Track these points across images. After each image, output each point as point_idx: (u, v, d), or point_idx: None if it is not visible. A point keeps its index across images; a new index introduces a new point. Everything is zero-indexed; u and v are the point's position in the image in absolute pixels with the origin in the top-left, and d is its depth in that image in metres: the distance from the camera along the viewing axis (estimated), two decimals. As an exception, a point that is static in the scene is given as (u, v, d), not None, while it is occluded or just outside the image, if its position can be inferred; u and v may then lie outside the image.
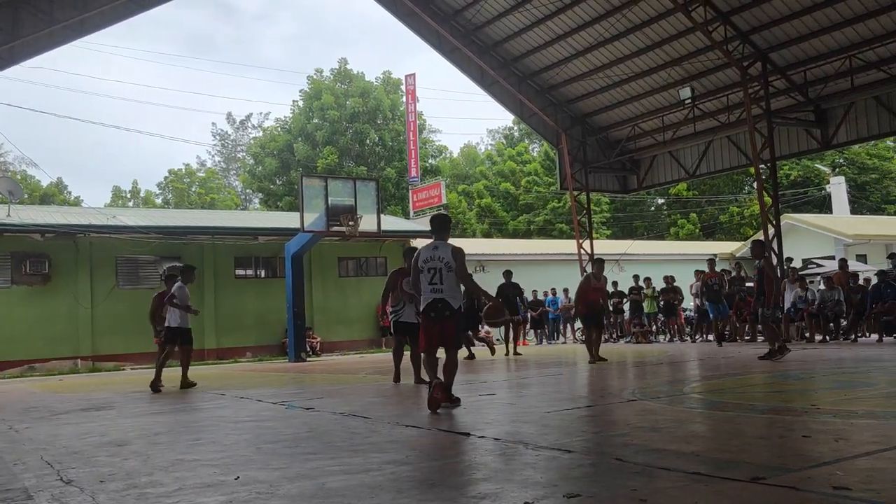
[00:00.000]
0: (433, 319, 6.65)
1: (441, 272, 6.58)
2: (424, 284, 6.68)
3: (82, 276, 20.22)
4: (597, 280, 12.96)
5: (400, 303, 10.19)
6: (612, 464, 3.95)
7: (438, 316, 6.61)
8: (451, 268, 6.57)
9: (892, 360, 10.38)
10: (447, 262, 6.57)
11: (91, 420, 7.43)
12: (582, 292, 13.04)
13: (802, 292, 16.74)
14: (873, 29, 17.28)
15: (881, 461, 3.72)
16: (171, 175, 56.53)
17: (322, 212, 17.98)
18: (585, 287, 12.97)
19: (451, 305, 6.61)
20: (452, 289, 6.63)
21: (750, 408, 6.22)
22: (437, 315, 6.61)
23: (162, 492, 3.77)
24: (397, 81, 46.30)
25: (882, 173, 44.87)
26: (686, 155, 23.96)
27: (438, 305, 6.60)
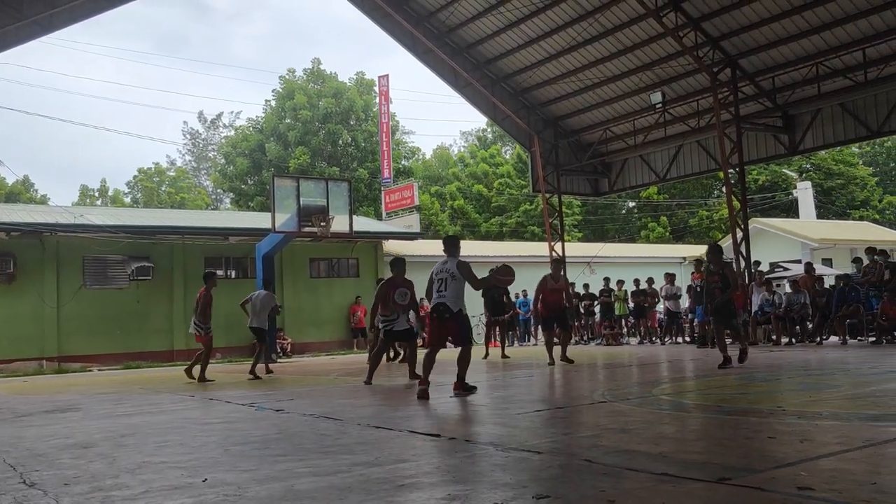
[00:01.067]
0: (435, 320, 8.01)
1: (447, 281, 7.91)
2: (433, 292, 8.02)
3: (48, 275, 19.89)
4: (554, 281, 12.76)
5: (394, 313, 10.24)
6: (581, 465, 3.97)
7: (440, 317, 7.94)
8: (455, 278, 7.89)
9: (855, 362, 10.57)
10: (453, 272, 7.91)
11: (56, 422, 7.32)
12: (539, 294, 13.03)
13: (769, 295, 16.97)
14: (839, 37, 17.59)
15: (844, 462, 3.79)
16: (141, 174, 55.86)
17: (294, 212, 17.87)
18: (542, 288, 12.82)
19: (451, 309, 7.88)
20: (455, 296, 7.91)
21: (717, 409, 6.29)
22: (439, 316, 7.94)
23: (128, 494, 3.73)
24: (371, 82, 46.17)
25: (847, 179, 45.68)
26: (657, 159, 24.19)
27: (440, 308, 7.91)
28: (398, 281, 10.22)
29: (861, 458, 3.89)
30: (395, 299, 10.12)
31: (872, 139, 28.65)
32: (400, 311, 10.24)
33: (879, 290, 15.24)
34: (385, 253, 25.38)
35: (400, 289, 10.16)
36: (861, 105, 18.91)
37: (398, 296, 10.11)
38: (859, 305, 15.54)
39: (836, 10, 16.91)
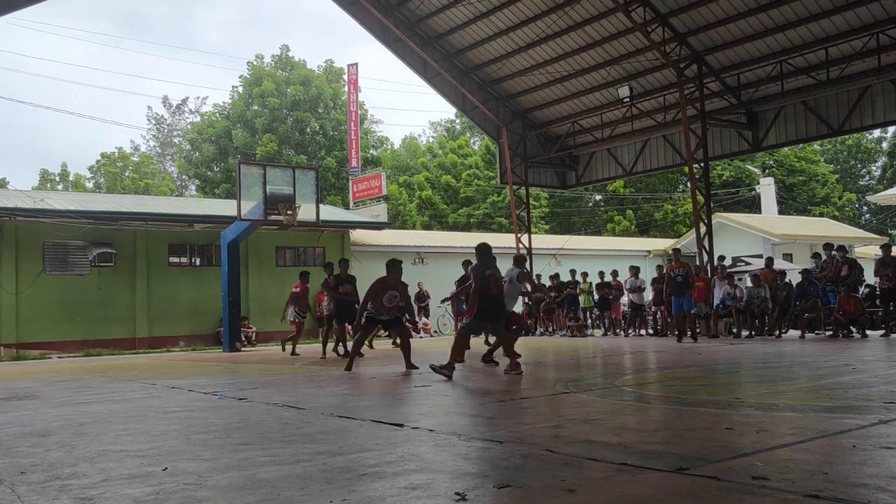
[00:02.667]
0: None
1: (509, 285, 9.91)
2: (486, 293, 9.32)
3: (7, 261, 19.49)
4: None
5: (379, 312, 10.32)
6: (543, 455, 4.01)
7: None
8: (511, 282, 10.07)
9: (813, 355, 10.80)
10: (511, 277, 10.01)
11: (12, 409, 7.19)
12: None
13: (731, 289, 17.24)
14: (803, 36, 17.87)
15: (798, 452, 3.87)
16: (104, 159, 54.88)
17: (260, 200, 17.72)
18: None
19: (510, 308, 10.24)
20: (510, 297, 9.90)
21: (677, 400, 6.39)
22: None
23: (86, 483, 3.68)
24: (340, 70, 45.87)
25: (809, 175, 46.53)
26: (623, 153, 24.41)
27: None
28: (391, 283, 10.18)
29: (815, 448, 3.98)
30: (383, 301, 10.15)
31: (833, 137, 29.20)
32: (385, 312, 10.28)
33: (836, 286, 15.56)
34: (352, 242, 25.30)
35: (391, 291, 10.15)
36: (823, 103, 19.27)
37: (387, 298, 10.13)
38: (817, 300, 15.86)
39: (801, 10, 17.18)
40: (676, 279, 15.68)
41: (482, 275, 9.15)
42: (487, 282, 9.12)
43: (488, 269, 9.22)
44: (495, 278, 9.27)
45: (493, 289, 9.23)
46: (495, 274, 9.30)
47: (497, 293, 9.29)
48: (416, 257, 26.33)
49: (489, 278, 9.16)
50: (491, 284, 9.18)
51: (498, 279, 9.34)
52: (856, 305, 15.01)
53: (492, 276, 9.21)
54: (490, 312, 9.26)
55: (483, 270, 9.18)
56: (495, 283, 9.26)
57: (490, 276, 9.18)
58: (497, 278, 9.30)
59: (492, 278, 9.20)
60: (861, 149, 53.88)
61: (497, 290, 9.28)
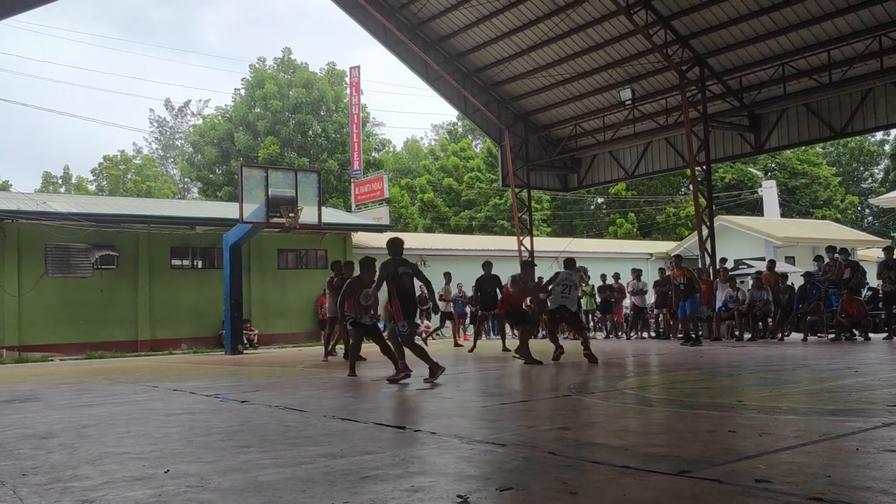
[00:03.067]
0: (557, 315, 11.51)
1: (571, 288, 11.30)
2: (557, 293, 11.17)
3: (9, 263, 19.50)
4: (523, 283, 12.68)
5: (357, 313, 10.22)
6: (545, 457, 4.00)
7: (567, 313, 11.37)
8: (577, 286, 11.47)
9: (815, 358, 10.78)
10: (576, 284, 11.40)
11: (15, 412, 7.19)
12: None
13: (733, 292, 17.22)
14: (805, 38, 17.87)
15: (801, 455, 3.87)
16: (106, 161, 54.92)
17: (262, 203, 17.71)
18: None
19: (571, 309, 11.40)
20: (576, 298, 11.55)
21: (680, 403, 6.38)
22: (567, 312, 11.36)
23: (88, 485, 3.68)
24: (342, 73, 45.91)
25: (811, 178, 46.49)
26: (625, 155, 24.40)
27: (563, 308, 11.25)
28: (367, 282, 10.12)
29: (817, 451, 3.98)
30: (359, 300, 10.06)
31: (836, 140, 29.18)
32: (363, 311, 10.22)
33: (839, 288, 15.53)
34: (354, 245, 25.30)
35: (366, 290, 10.06)
36: (825, 106, 19.25)
37: (362, 297, 10.06)
38: (820, 303, 15.84)
39: (803, 12, 17.18)
40: (679, 287, 15.64)
41: (395, 273, 8.78)
42: (401, 279, 8.81)
43: (401, 267, 8.89)
44: (408, 276, 8.93)
45: (408, 286, 8.90)
46: (408, 272, 8.95)
47: (411, 290, 8.96)
48: (418, 260, 26.29)
49: (402, 276, 8.84)
50: (405, 282, 8.86)
51: (411, 277, 8.99)
52: (858, 308, 14.98)
53: (405, 273, 8.87)
54: (413, 310, 9.02)
55: (395, 268, 8.82)
56: (409, 280, 8.92)
57: (403, 275, 8.85)
58: (410, 276, 8.94)
59: (405, 276, 8.87)
60: (863, 151, 53.83)
61: (410, 287, 8.94)
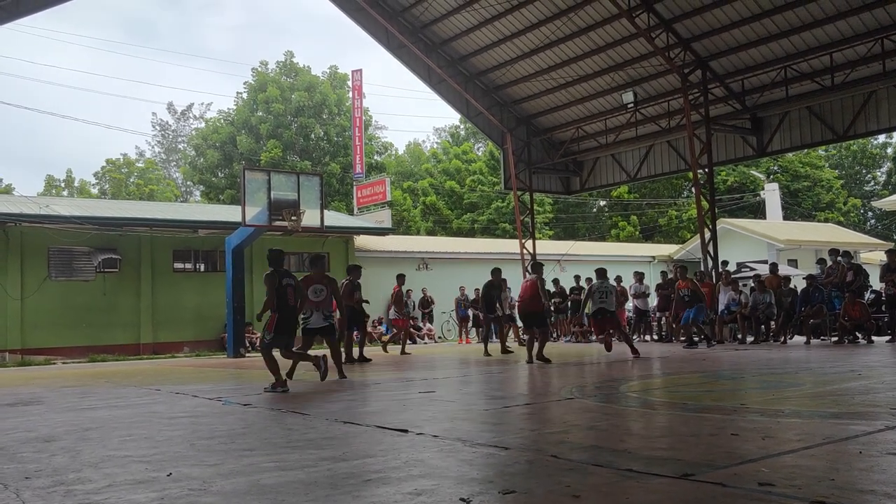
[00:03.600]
0: (599, 318, 13.23)
1: (607, 293, 13.00)
2: (596, 299, 13.07)
3: (12, 266, 19.53)
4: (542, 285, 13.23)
5: (308, 311, 10.26)
6: (548, 461, 4.00)
7: (602, 315, 13.08)
8: (612, 292, 13.14)
9: (818, 361, 10.76)
10: (611, 289, 13.14)
11: (18, 415, 7.20)
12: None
13: (736, 295, 17.20)
14: (807, 41, 17.87)
15: (804, 458, 3.86)
16: (109, 165, 55.01)
17: (264, 206, 17.72)
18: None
19: (610, 310, 13.07)
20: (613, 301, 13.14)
21: (682, 406, 6.37)
22: (602, 314, 13.07)
23: (91, 488, 3.68)
24: (344, 76, 45.97)
25: (813, 181, 46.44)
26: (627, 158, 24.40)
27: (603, 310, 13.01)
28: (314, 278, 10.38)
29: (821, 454, 3.97)
30: (309, 296, 10.10)
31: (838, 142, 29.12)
32: (313, 307, 10.26)
33: (842, 291, 15.51)
34: (356, 248, 25.31)
35: (315, 285, 10.27)
36: (828, 108, 19.24)
37: (311, 292, 10.15)
38: (822, 306, 15.81)
39: (805, 15, 17.18)
40: (685, 298, 15.71)
41: (279, 284, 8.77)
42: (285, 291, 8.81)
43: (285, 278, 8.89)
44: (293, 288, 8.94)
45: (292, 299, 8.89)
46: (292, 283, 8.95)
47: (294, 304, 8.95)
48: (421, 263, 26.32)
49: (286, 288, 8.82)
50: (289, 294, 8.85)
51: (296, 289, 9.01)
52: (861, 311, 14.96)
53: (288, 285, 8.86)
54: (291, 325, 9.01)
55: (280, 279, 8.81)
56: (293, 293, 8.94)
57: (287, 286, 8.84)
58: (295, 288, 8.97)
59: (289, 288, 8.86)
60: (866, 154, 53.78)
61: (294, 300, 8.94)
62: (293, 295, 8.92)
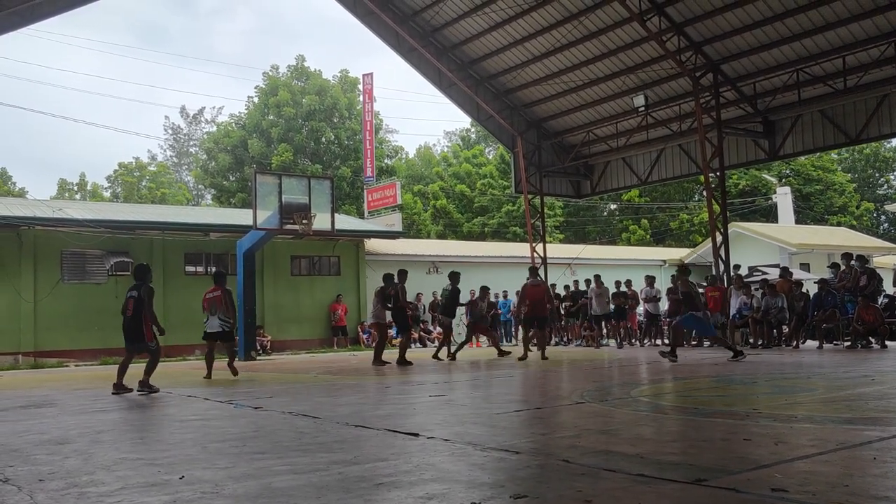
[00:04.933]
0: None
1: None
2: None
3: (25, 269, 19.66)
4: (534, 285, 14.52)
5: (205, 316, 11.81)
6: (559, 465, 3.99)
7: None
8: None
9: (831, 366, 10.69)
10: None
11: (31, 417, 7.24)
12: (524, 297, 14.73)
13: (748, 299, 17.11)
14: (820, 44, 17.78)
15: (818, 464, 3.83)
16: (121, 168, 55.36)
17: (275, 209, 17.78)
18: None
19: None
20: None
21: (694, 411, 6.34)
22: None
23: (104, 491, 3.70)
24: (354, 80, 46.07)
25: (826, 185, 46.19)
26: (638, 162, 24.33)
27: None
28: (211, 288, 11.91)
29: (834, 460, 3.94)
30: (204, 300, 11.82)
31: (851, 146, 28.99)
32: (209, 312, 11.83)
33: (855, 296, 15.41)
34: (366, 251, 25.34)
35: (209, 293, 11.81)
36: (840, 112, 19.13)
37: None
38: (835, 310, 15.71)
39: (817, 18, 17.10)
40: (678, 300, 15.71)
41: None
42: (127, 303, 9.59)
43: (131, 291, 9.62)
44: (133, 300, 9.55)
45: (129, 310, 9.55)
46: (133, 295, 9.58)
47: (131, 314, 9.53)
48: (431, 266, 26.32)
49: (128, 300, 9.57)
50: (128, 305, 9.57)
51: (136, 301, 9.54)
52: (874, 315, 14.86)
53: (129, 297, 9.57)
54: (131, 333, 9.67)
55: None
56: (132, 304, 9.54)
57: (129, 299, 9.57)
58: (136, 300, 9.54)
59: (129, 300, 9.58)
60: (879, 158, 53.46)
61: (132, 311, 9.53)
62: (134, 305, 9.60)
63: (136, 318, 9.52)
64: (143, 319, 9.50)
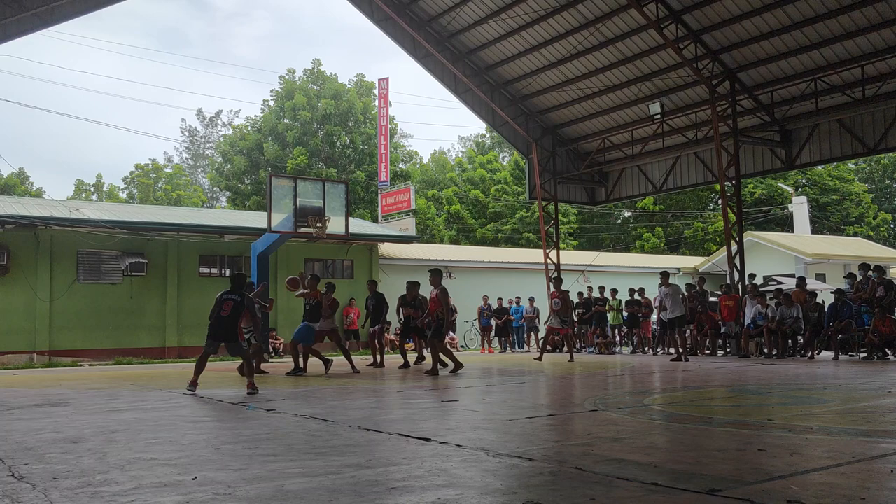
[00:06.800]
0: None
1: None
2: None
3: (42, 268, 19.81)
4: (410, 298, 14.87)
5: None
6: (572, 473, 3.97)
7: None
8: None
9: (846, 377, 10.60)
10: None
11: (45, 416, 7.29)
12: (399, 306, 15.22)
13: (763, 308, 17.00)
14: (838, 53, 17.67)
15: (834, 476, 3.80)
16: (138, 170, 55.75)
17: (290, 212, 17.84)
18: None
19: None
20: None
21: (708, 421, 6.30)
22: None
23: (117, 490, 3.72)
24: (370, 85, 46.20)
25: (843, 195, 45.83)
26: (654, 169, 24.26)
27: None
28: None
29: (851, 472, 3.91)
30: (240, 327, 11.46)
31: (869, 156, 28.77)
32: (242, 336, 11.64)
33: (871, 307, 15.27)
34: (380, 256, 25.37)
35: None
36: (858, 121, 19.00)
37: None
38: (851, 321, 15.58)
39: (836, 27, 17.00)
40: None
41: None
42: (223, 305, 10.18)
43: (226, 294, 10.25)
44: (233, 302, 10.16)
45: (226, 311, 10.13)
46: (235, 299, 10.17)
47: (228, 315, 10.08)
48: (444, 272, 26.30)
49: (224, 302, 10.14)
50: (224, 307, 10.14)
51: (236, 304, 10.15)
52: (891, 327, 14.71)
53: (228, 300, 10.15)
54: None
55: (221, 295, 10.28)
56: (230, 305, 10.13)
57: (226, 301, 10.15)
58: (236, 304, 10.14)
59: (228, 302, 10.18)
60: (897, 168, 53.02)
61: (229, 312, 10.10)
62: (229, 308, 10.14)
63: (232, 318, 10.02)
64: (238, 321, 10.15)
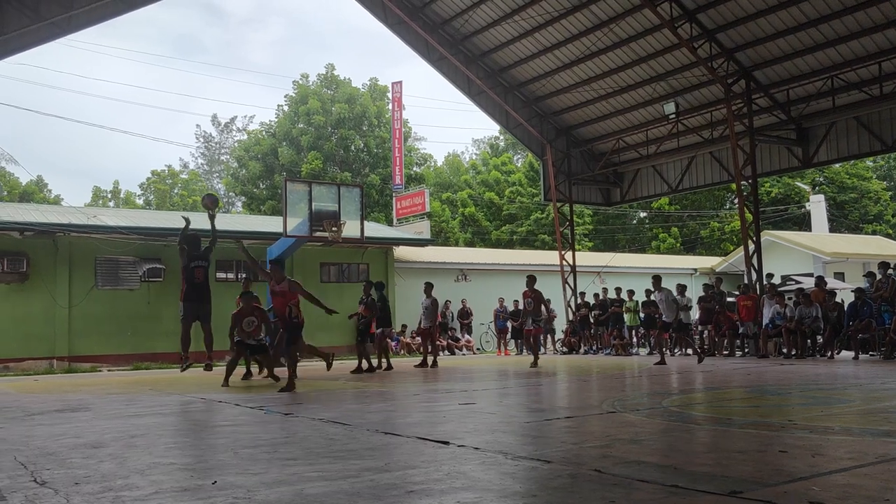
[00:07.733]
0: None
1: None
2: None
3: (61, 275, 19.99)
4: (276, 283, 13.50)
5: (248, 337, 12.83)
6: (591, 475, 3.96)
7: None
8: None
9: (867, 377, 10.50)
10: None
11: (66, 421, 7.34)
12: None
13: (781, 308, 16.88)
14: (855, 50, 17.53)
15: (856, 477, 3.76)
16: (154, 176, 56.14)
17: (305, 217, 17.90)
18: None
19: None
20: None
21: (728, 422, 6.26)
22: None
23: (138, 495, 3.74)
24: (384, 88, 46.30)
25: (861, 193, 45.43)
26: (669, 169, 24.15)
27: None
28: (245, 311, 12.86)
29: (874, 473, 3.86)
30: (243, 327, 12.66)
31: (887, 153, 28.50)
32: (245, 337, 12.75)
33: (892, 305, 15.13)
34: (395, 259, 25.39)
35: (247, 318, 12.74)
36: (876, 119, 18.83)
37: (245, 324, 12.71)
38: (871, 320, 15.44)
39: (852, 24, 16.87)
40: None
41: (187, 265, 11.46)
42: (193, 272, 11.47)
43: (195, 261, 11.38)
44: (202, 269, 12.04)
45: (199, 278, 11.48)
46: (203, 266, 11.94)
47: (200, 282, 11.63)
48: (459, 274, 26.31)
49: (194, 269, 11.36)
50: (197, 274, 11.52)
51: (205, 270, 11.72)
52: (912, 326, 14.56)
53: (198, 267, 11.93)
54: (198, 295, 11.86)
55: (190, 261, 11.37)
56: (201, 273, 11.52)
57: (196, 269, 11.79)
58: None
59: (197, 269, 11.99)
60: (916, 165, 52.48)
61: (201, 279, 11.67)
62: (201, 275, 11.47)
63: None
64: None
